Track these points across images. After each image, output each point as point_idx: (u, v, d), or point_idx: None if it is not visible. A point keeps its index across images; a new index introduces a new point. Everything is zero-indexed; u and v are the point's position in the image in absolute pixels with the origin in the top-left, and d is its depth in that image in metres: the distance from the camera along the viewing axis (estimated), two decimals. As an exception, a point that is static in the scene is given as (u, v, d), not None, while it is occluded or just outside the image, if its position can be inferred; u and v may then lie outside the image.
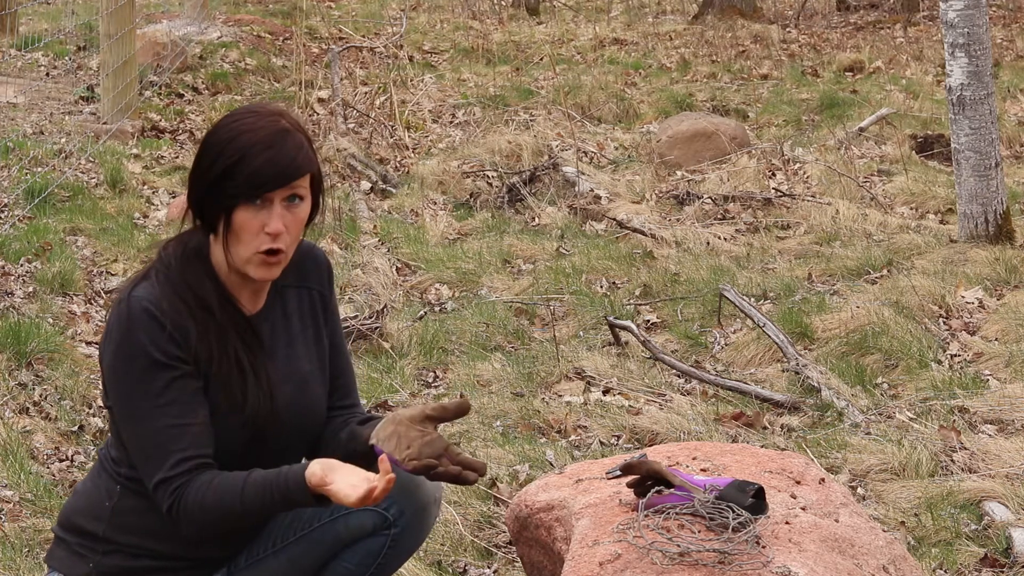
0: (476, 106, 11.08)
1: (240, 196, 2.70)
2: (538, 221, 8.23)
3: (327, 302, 2.98)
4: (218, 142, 2.73)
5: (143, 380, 2.69)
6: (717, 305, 6.41)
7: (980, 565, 4.11)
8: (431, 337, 6.12)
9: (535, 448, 4.94)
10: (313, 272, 2.97)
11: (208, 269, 2.80)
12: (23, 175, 7.61)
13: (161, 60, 10.96)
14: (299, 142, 2.75)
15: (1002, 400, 5.29)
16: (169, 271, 2.76)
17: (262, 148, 2.70)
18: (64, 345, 5.57)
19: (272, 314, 2.88)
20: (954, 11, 7.32)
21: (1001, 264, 6.92)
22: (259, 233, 2.72)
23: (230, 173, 2.70)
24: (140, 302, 2.71)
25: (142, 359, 2.69)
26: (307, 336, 2.93)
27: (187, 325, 2.72)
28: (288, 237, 2.74)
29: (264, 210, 2.72)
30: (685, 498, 3.01)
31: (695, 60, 13.38)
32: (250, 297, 2.85)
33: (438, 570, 4.09)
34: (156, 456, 2.69)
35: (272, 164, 2.70)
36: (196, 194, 2.77)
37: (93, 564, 2.84)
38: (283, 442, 2.86)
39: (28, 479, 4.48)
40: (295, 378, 2.88)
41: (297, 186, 2.73)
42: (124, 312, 2.71)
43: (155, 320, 2.69)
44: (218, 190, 2.72)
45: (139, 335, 2.69)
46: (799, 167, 9.29)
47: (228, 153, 2.71)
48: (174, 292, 2.74)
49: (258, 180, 2.70)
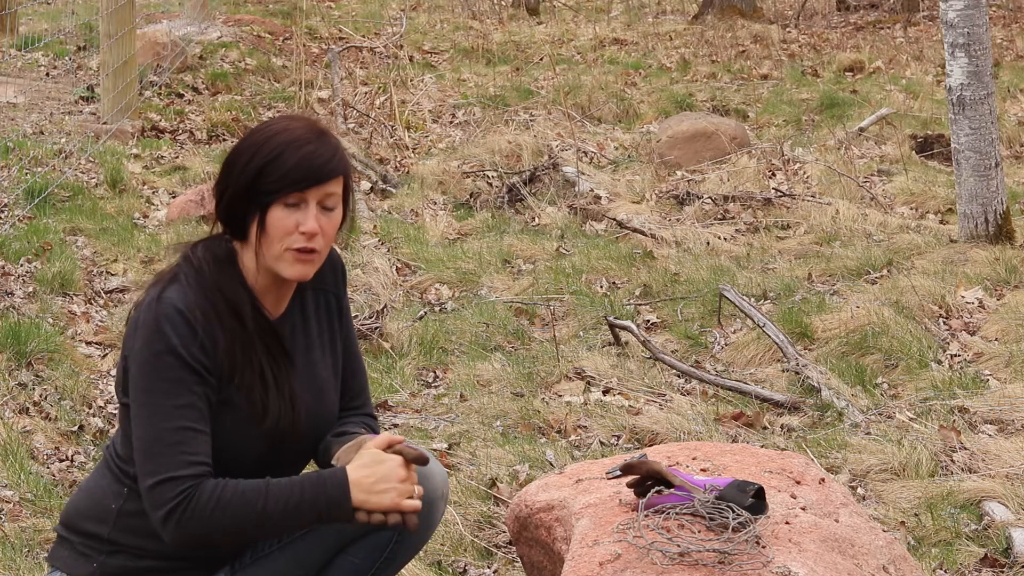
0: (476, 106, 11.08)
1: (277, 192, 2.71)
2: (538, 221, 8.23)
3: (342, 304, 2.99)
4: (253, 143, 2.74)
5: (168, 378, 2.68)
6: (717, 305, 6.41)
7: (980, 565, 4.11)
8: (431, 337, 6.12)
9: (535, 448, 4.94)
10: (329, 274, 2.97)
11: (239, 274, 2.80)
12: (23, 175, 7.61)
13: (161, 60, 10.96)
14: (336, 143, 2.78)
15: (1002, 400, 5.29)
16: (201, 276, 2.76)
17: (300, 144, 2.72)
18: (64, 345, 5.57)
19: (292, 318, 2.89)
20: (954, 11, 7.32)
21: (1001, 264, 6.92)
22: (293, 232, 2.73)
23: (267, 170, 2.71)
24: (175, 304, 2.70)
25: (172, 358, 2.68)
26: (323, 340, 2.94)
27: (217, 335, 2.72)
28: (322, 240, 2.75)
29: (299, 211, 2.73)
30: (685, 498, 3.01)
31: (695, 60, 13.38)
32: (274, 303, 2.85)
33: (438, 570, 4.09)
34: (166, 454, 2.66)
35: (310, 159, 2.72)
36: (227, 197, 2.76)
37: (97, 564, 2.84)
38: (298, 451, 2.88)
39: (28, 479, 4.48)
40: (314, 387, 2.89)
41: (332, 189, 2.75)
42: (158, 312, 2.70)
43: (189, 324, 2.69)
44: (253, 189, 2.72)
45: (172, 335, 2.68)
46: (799, 167, 9.30)
47: (265, 151, 2.72)
48: (206, 298, 2.73)
49: (296, 175, 2.71)
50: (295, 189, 2.71)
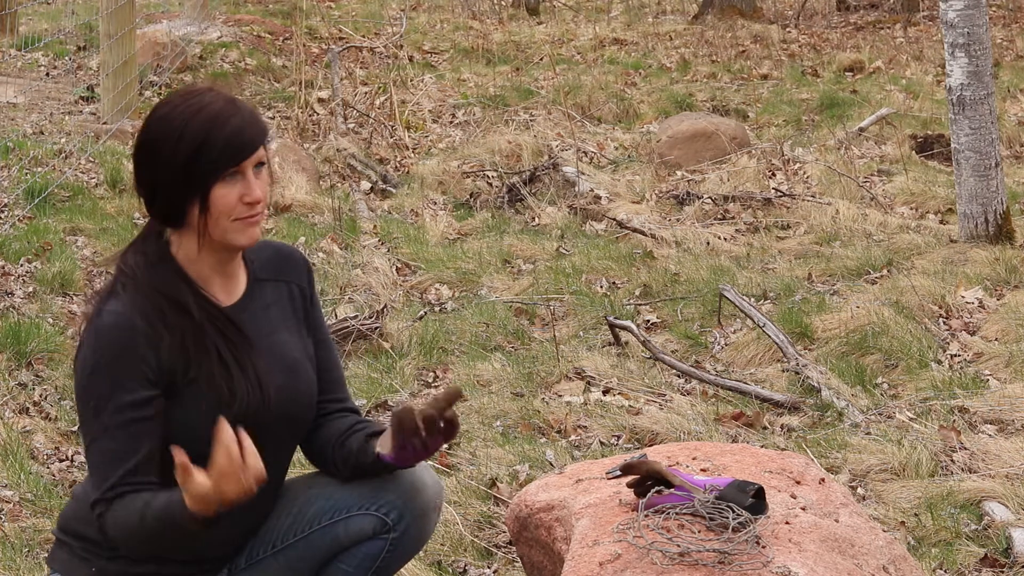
0: (476, 106, 11.08)
1: (216, 172, 2.68)
2: (538, 221, 8.23)
3: (307, 295, 2.96)
4: (172, 129, 2.68)
5: (100, 401, 2.68)
6: (717, 305, 6.41)
7: (980, 565, 4.11)
8: (431, 337, 6.12)
9: (535, 448, 4.94)
10: (291, 268, 2.95)
11: (176, 268, 2.77)
12: (23, 175, 7.61)
13: (161, 60, 10.96)
14: (249, 106, 2.76)
15: (1002, 400, 5.29)
16: (136, 281, 2.73)
17: (225, 118, 2.68)
18: (64, 345, 5.57)
19: (251, 305, 2.86)
20: (954, 11, 7.32)
21: (1001, 264, 6.92)
22: (237, 205, 2.70)
23: (199, 154, 2.66)
24: (112, 318, 2.68)
25: (104, 380, 2.67)
26: (289, 325, 2.91)
27: (160, 339, 2.69)
28: (263, 201, 2.74)
29: (239, 182, 2.70)
30: (685, 498, 3.01)
31: (695, 60, 13.38)
32: (223, 287, 2.82)
33: (438, 570, 4.09)
34: (95, 476, 2.70)
35: (240, 133, 2.69)
36: (161, 189, 2.72)
37: (96, 568, 2.83)
38: (275, 435, 2.83)
39: (28, 479, 4.48)
40: (283, 365, 2.85)
41: (261, 153, 2.73)
42: (97, 330, 2.69)
43: (125, 338, 2.67)
44: (188, 174, 2.68)
45: (106, 355, 2.67)
46: (799, 167, 9.30)
47: (189, 136, 2.67)
48: (147, 301, 2.71)
49: (230, 152, 2.68)
50: (232, 164, 2.68)
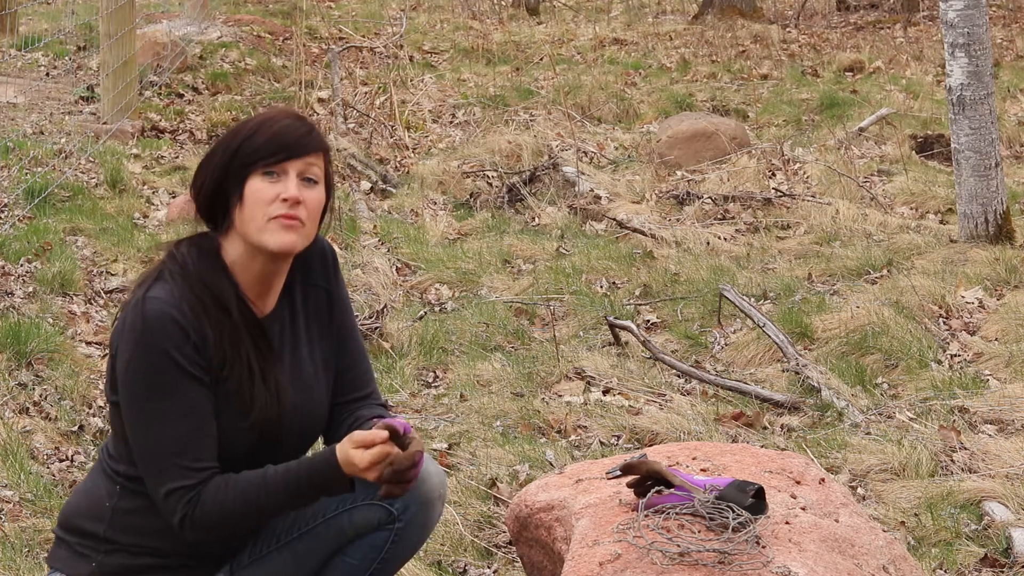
0: (476, 106, 11.08)
1: (253, 164, 2.72)
2: (538, 221, 8.23)
3: (333, 297, 2.97)
4: (231, 131, 2.80)
5: (161, 383, 2.68)
6: (717, 305, 6.41)
7: (980, 565, 4.11)
8: (431, 337, 6.12)
9: (535, 448, 4.94)
10: (319, 265, 2.96)
11: (223, 267, 2.79)
12: (23, 175, 7.61)
13: (161, 60, 10.96)
14: (312, 124, 2.82)
15: (1002, 400, 5.29)
16: (185, 270, 2.75)
17: (275, 121, 2.77)
18: (64, 345, 5.56)
19: (281, 313, 2.88)
20: (954, 11, 7.32)
21: (1001, 264, 6.92)
22: (274, 201, 2.73)
23: (243, 147, 2.74)
24: (160, 304, 2.69)
25: (163, 363, 2.67)
26: (311, 335, 2.93)
27: (206, 331, 2.72)
28: (306, 212, 2.75)
29: (280, 181, 2.74)
30: (685, 498, 3.01)
31: (695, 60, 13.38)
32: (261, 297, 2.84)
33: (438, 570, 4.09)
34: (167, 465, 2.68)
35: (284, 133, 2.75)
36: (207, 187, 2.78)
37: (95, 564, 2.84)
38: (287, 446, 2.86)
39: (28, 479, 4.48)
40: (300, 382, 2.88)
41: (312, 162, 2.76)
42: (144, 314, 2.69)
43: (178, 325, 2.68)
44: (231, 167, 2.74)
45: (161, 339, 2.67)
46: (799, 167, 9.29)
47: (246, 130, 2.77)
48: (192, 292, 2.73)
49: (272, 147, 2.73)
50: (272, 160, 2.73)
